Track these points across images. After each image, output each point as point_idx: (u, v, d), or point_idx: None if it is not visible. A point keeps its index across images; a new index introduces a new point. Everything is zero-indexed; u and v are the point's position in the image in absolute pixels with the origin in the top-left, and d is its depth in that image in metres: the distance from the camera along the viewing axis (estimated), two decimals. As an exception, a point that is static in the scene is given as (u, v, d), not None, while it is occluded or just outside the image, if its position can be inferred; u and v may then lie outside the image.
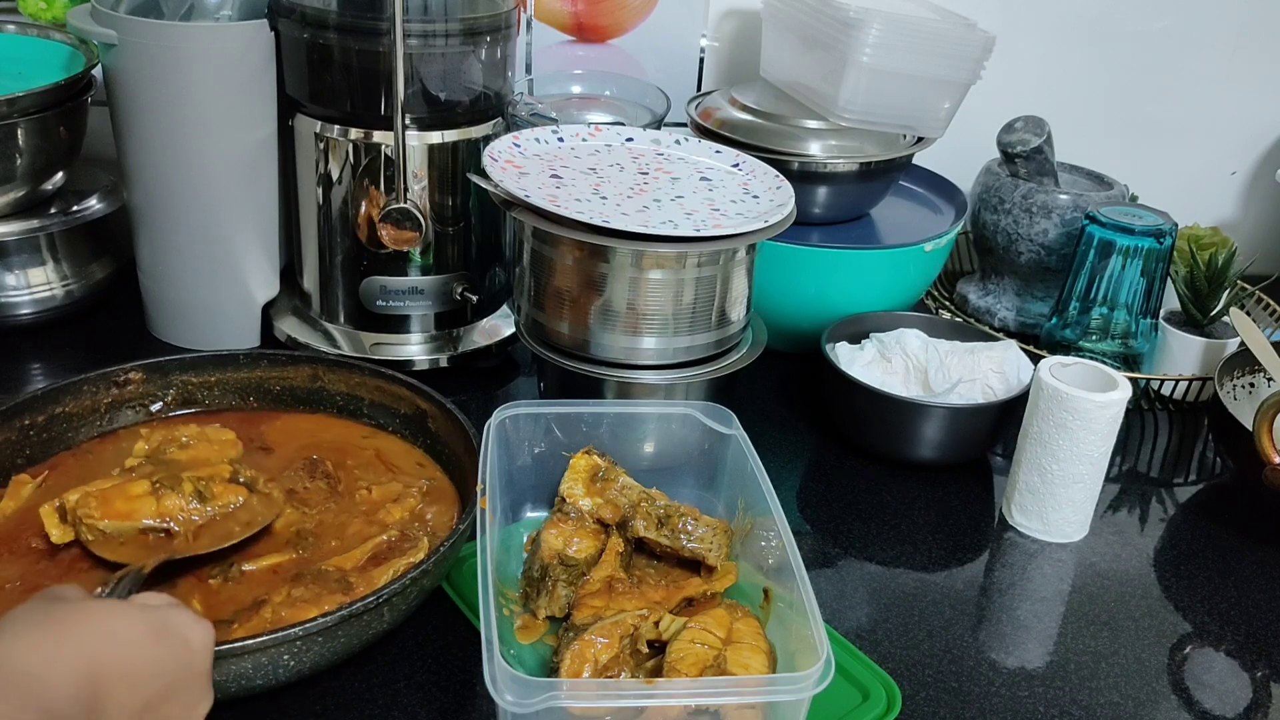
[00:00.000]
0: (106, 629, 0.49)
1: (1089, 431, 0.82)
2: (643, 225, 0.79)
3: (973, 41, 1.03)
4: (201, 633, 0.53)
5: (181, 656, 0.51)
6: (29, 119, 0.96)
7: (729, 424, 0.79)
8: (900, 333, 0.98)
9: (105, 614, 0.50)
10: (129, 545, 0.69)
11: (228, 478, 0.74)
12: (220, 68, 0.91)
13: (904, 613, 0.78)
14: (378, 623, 0.64)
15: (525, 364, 1.04)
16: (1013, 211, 1.12)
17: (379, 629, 0.64)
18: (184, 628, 0.52)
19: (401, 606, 0.65)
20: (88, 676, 0.47)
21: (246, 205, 0.98)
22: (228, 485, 0.73)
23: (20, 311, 1.01)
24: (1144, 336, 1.06)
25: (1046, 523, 0.86)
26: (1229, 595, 0.82)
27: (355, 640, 0.63)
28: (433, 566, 0.65)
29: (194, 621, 0.53)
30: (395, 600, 0.63)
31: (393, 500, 0.76)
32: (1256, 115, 1.39)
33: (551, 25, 1.22)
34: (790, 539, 0.67)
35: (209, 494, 0.72)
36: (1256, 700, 0.73)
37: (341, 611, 0.60)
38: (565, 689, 0.58)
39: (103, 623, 0.49)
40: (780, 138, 1.04)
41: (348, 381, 0.86)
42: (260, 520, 0.72)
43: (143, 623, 0.50)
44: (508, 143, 0.91)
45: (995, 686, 0.72)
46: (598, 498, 0.77)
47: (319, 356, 0.89)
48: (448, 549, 0.66)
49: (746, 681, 0.62)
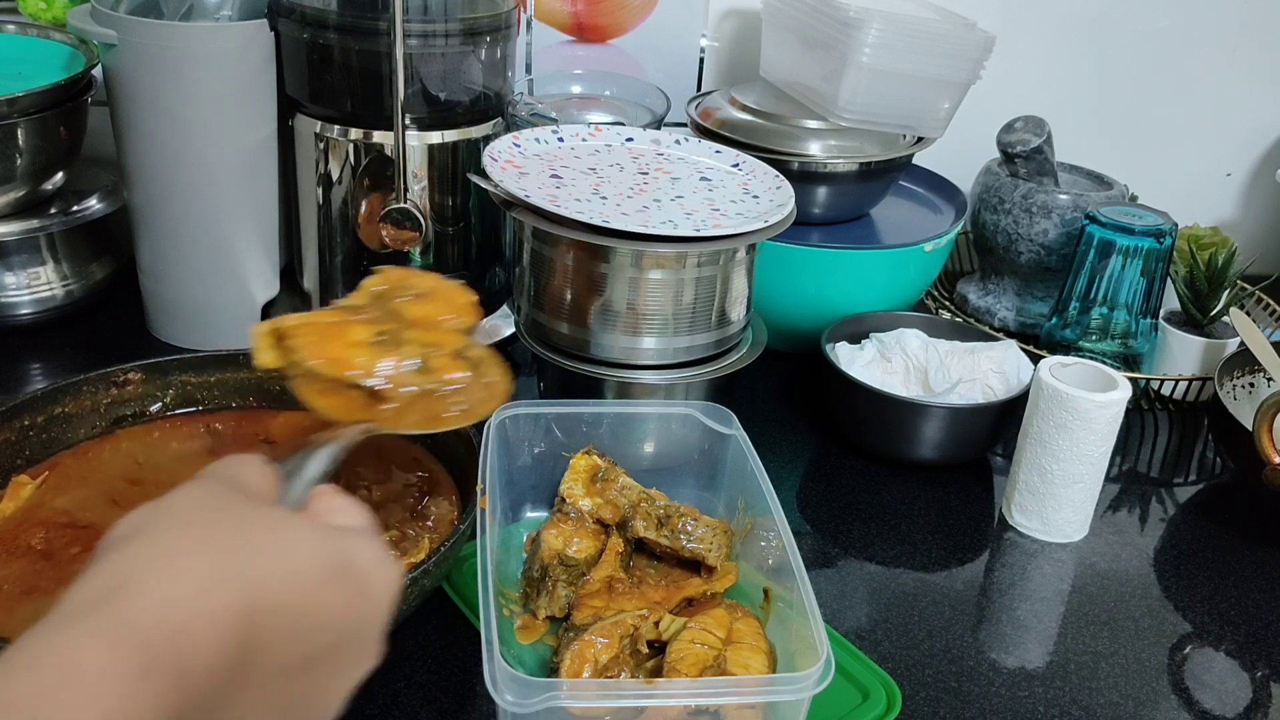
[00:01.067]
0: (281, 561, 0.37)
1: (1089, 431, 0.82)
2: (643, 225, 0.79)
3: (973, 41, 1.03)
4: (386, 577, 0.42)
5: (358, 608, 0.40)
6: (29, 119, 0.96)
7: (729, 424, 0.79)
8: (900, 333, 0.98)
9: (283, 538, 0.38)
10: (331, 396, 0.57)
11: (456, 350, 0.61)
12: (220, 68, 0.91)
13: (904, 613, 0.78)
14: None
15: (525, 364, 1.04)
16: (1013, 211, 1.12)
17: None
18: (369, 568, 0.41)
19: (401, 607, 0.65)
20: (244, 624, 0.35)
21: (246, 205, 0.98)
22: (453, 359, 0.60)
23: (20, 311, 1.01)
24: (1144, 336, 1.06)
25: (1046, 523, 0.86)
26: (1229, 595, 0.82)
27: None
28: (433, 567, 0.65)
29: (380, 560, 0.41)
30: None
31: (393, 500, 0.76)
32: (1256, 115, 1.39)
33: (551, 25, 1.22)
34: (790, 539, 0.67)
35: (432, 365, 0.59)
36: (1256, 700, 0.73)
37: None
38: (565, 689, 0.58)
39: (278, 552, 0.38)
40: (780, 138, 1.04)
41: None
42: (477, 412, 0.61)
43: (324, 557, 0.39)
44: (508, 143, 0.91)
45: (995, 686, 0.72)
46: (598, 498, 0.77)
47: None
48: (448, 549, 0.66)
49: (746, 681, 0.62)
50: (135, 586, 0.34)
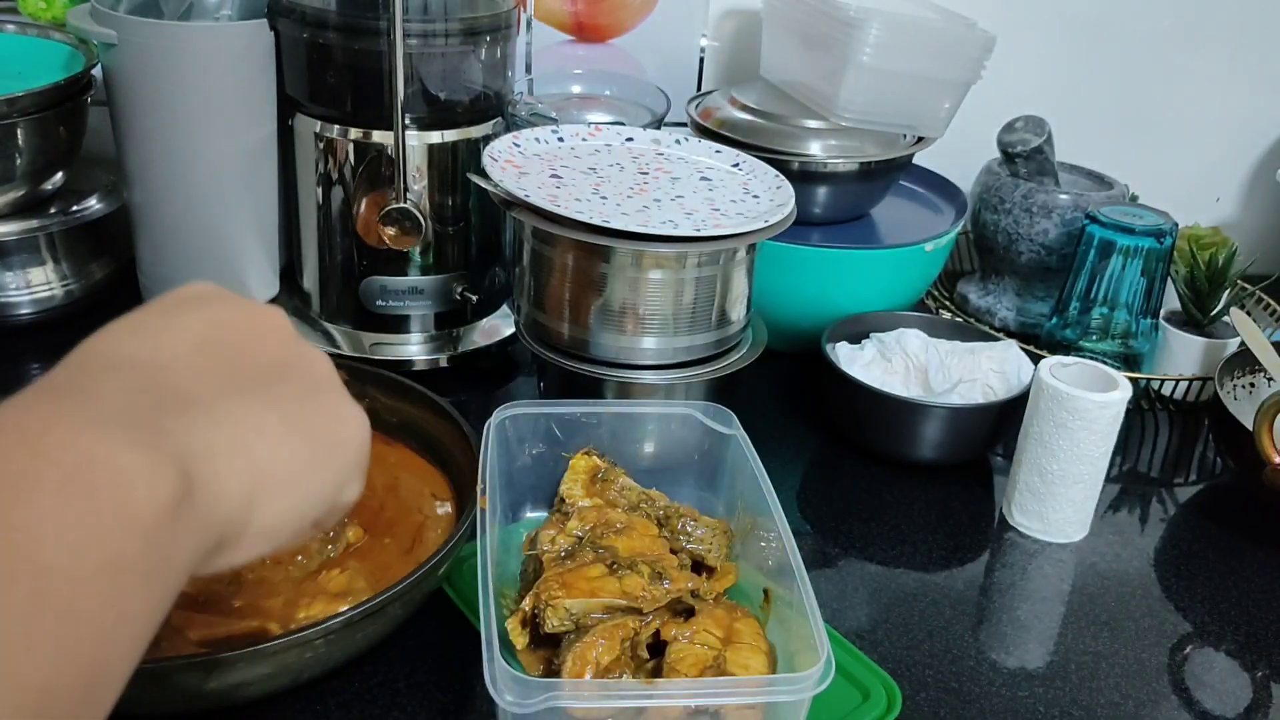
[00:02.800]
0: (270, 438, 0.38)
1: (1089, 431, 0.82)
2: (643, 225, 0.79)
3: (973, 41, 1.02)
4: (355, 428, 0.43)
5: (335, 463, 0.41)
6: (29, 119, 0.96)
7: (729, 424, 0.79)
8: (900, 333, 0.98)
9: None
10: None
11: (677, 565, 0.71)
12: (220, 68, 0.91)
13: (904, 613, 0.78)
14: (375, 628, 0.64)
15: (525, 364, 1.04)
16: (1013, 211, 1.12)
17: (377, 634, 0.65)
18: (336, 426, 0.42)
19: (399, 612, 0.65)
20: (251, 485, 0.37)
21: (246, 205, 0.98)
22: (681, 571, 0.70)
23: (20, 311, 1.01)
24: (1144, 336, 1.06)
25: (1046, 523, 0.86)
26: (1229, 595, 0.82)
27: (352, 647, 0.63)
28: (432, 567, 0.65)
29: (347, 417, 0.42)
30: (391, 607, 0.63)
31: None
32: (1256, 115, 1.39)
33: (551, 25, 1.22)
34: (790, 539, 0.67)
35: (669, 576, 0.69)
36: (1257, 700, 0.73)
37: (336, 619, 0.60)
38: (565, 689, 0.58)
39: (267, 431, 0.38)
40: (780, 138, 1.04)
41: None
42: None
43: (302, 433, 0.40)
44: (508, 142, 0.91)
45: (995, 686, 0.72)
46: (597, 498, 0.77)
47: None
48: (447, 550, 0.66)
49: (746, 682, 0.62)
50: (208, 472, 0.35)
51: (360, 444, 0.42)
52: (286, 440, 0.38)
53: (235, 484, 0.36)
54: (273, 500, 0.37)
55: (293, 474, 0.38)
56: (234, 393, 0.38)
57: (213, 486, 0.35)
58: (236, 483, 0.36)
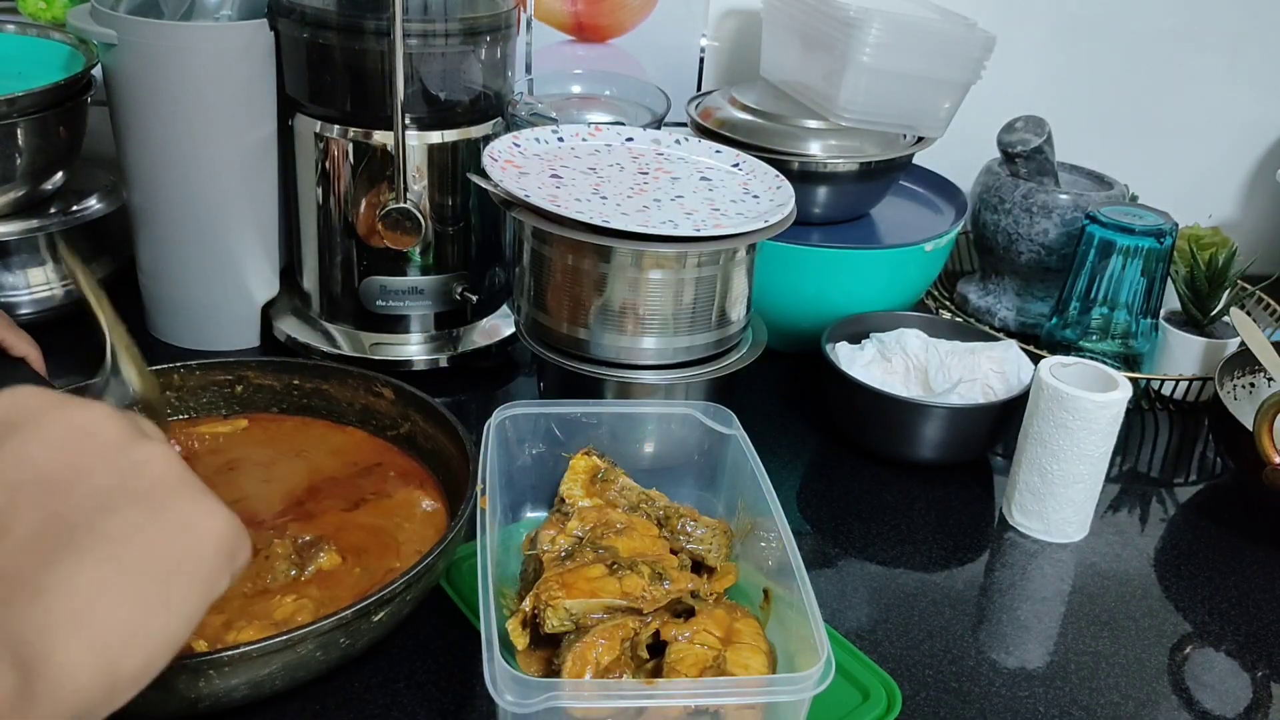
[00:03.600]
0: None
1: (1089, 431, 0.82)
2: (643, 225, 0.79)
3: (973, 41, 1.02)
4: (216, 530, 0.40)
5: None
6: (29, 119, 0.96)
7: (729, 424, 0.79)
8: (900, 333, 0.98)
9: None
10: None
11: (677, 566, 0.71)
12: (220, 68, 0.91)
13: (904, 613, 0.78)
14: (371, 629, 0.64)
15: (525, 364, 1.04)
16: (1013, 211, 1.12)
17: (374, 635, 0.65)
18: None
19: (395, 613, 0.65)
20: (103, 650, 0.35)
21: (246, 205, 0.98)
22: (682, 571, 0.71)
23: (20, 311, 1.01)
24: (1144, 336, 1.06)
25: (1047, 523, 0.86)
26: (1229, 595, 0.82)
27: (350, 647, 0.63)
28: (428, 566, 0.65)
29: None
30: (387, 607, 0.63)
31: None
32: (1256, 115, 1.39)
33: (551, 25, 1.22)
34: (790, 539, 0.67)
35: (669, 577, 0.69)
36: (1257, 700, 0.73)
37: (331, 619, 0.60)
38: (565, 689, 0.58)
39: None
40: (780, 138, 1.04)
41: (341, 388, 0.84)
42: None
43: (149, 569, 0.37)
44: (508, 143, 0.91)
45: (995, 686, 0.72)
46: (597, 499, 0.77)
47: (302, 364, 0.86)
48: (443, 547, 0.66)
49: (746, 682, 0.62)
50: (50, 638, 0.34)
51: (217, 541, 0.39)
52: (132, 587, 0.36)
53: (79, 659, 0.33)
54: (133, 653, 0.35)
55: (149, 617, 0.36)
56: (61, 554, 0.35)
57: (55, 668, 0.33)
58: (83, 654, 0.34)
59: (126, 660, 0.35)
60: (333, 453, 0.82)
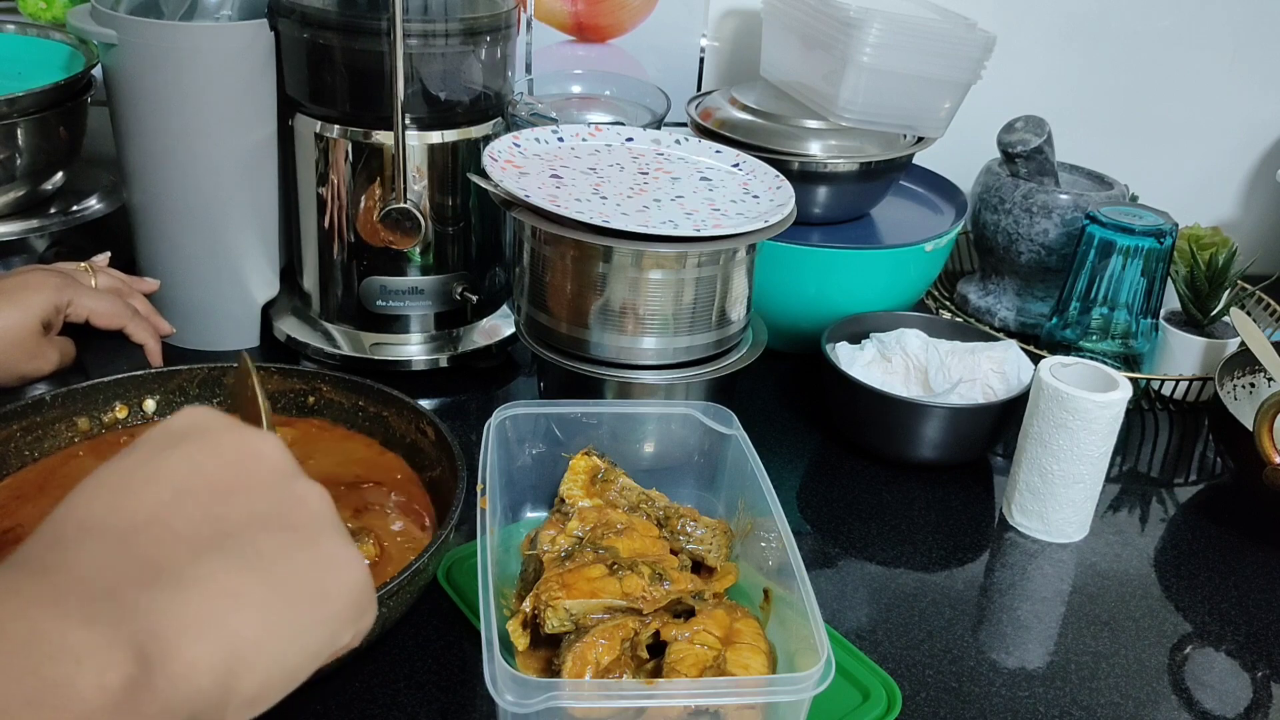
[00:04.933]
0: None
1: (1089, 431, 0.82)
2: (643, 225, 0.79)
3: (973, 41, 1.02)
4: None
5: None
6: (29, 119, 0.96)
7: (729, 424, 0.79)
8: (900, 333, 0.98)
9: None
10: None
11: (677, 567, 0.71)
12: (220, 68, 0.91)
13: (904, 613, 0.78)
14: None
15: (525, 364, 1.04)
16: (1013, 211, 1.12)
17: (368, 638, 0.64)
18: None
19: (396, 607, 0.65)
20: (227, 659, 0.35)
21: (246, 205, 0.98)
22: (682, 572, 0.71)
23: (20, 311, 1.01)
24: (1144, 336, 1.06)
25: (1047, 523, 0.86)
26: (1229, 595, 0.82)
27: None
28: (425, 565, 0.65)
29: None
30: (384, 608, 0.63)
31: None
32: (1256, 115, 1.39)
33: (551, 25, 1.22)
34: (790, 539, 0.67)
35: (669, 577, 0.69)
36: (1257, 700, 0.73)
37: None
38: (565, 689, 0.58)
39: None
40: (780, 138, 1.04)
41: (398, 419, 0.82)
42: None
43: (287, 593, 0.37)
44: (508, 143, 0.91)
45: (995, 686, 0.72)
46: (597, 499, 0.77)
47: (370, 387, 0.83)
48: (438, 545, 0.66)
49: (746, 682, 0.62)
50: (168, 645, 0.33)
51: (355, 589, 0.39)
52: (269, 604, 0.36)
53: (206, 660, 0.33)
54: (254, 670, 0.35)
55: (277, 639, 0.36)
56: (211, 553, 0.35)
57: (177, 666, 0.32)
58: (208, 659, 0.33)
59: (247, 677, 0.35)
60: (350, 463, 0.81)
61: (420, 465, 0.80)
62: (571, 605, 0.65)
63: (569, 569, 0.68)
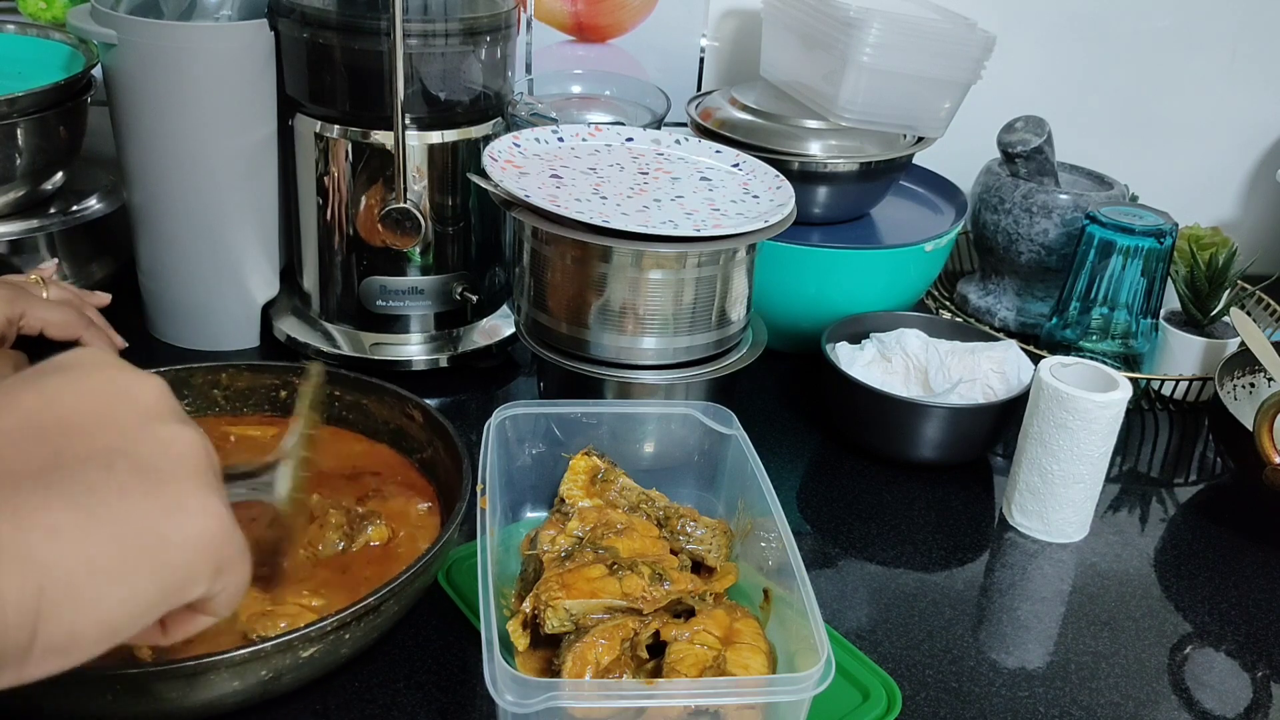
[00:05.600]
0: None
1: (1089, 431, 0.82)
2: (643, 225, 0.79)
3: (973, 41, 1.02)
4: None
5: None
6: (29, 119, 0.96)
7: (729, 424, 0.79)
8: (900, 333, 0.98)
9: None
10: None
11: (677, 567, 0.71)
12: (220, 68, 0.91)
13: (904, 613, 0.78)
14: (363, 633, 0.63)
15: (525, 364, 1.04)
16: (1013, 211, 1.12)
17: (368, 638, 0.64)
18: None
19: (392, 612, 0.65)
20: (32, 595, 0.33)
21: (246, 205, 0.98)
22: (682, 572, 0.70)
23: (20, 311, 1.01)
24: (1144, 336, 1.06)
25: (1047, 523, 0.86)
26: (1229, 595, 0.82)
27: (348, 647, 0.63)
28: (424, 565, 0.65)
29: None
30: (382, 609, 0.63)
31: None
32: (1256, 115, 1.39)
33: (551, 25, 1.22)
34: (790, 539, 0.67)
35: (669, 578, 0.68)
36: (1257, 700, 0.73)
37: (328, 620, 0.60)
38: (565, 689, 0.58)
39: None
40: (780, 138, 1.04)
41: (379, 406, 0.83)
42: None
43: (114, 532, 0.35)
44: (508, 143, 0.91)
45: (995, 686, 0.72)
46: (597, 499, 0.77)
47: (344, 376, 0.84)
48: (439, 546, 0.66)
49: (746, 682, 0.62)
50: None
51: (203, 540, 0.37)
52: (90, 542, 0.33)
53: (10, 594, 0.31)
54: (64, 611, 0.33)
55: (95, 581, 0.33)
56: (35, 485, 0.34)
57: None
58: (14, 592, 0.31)
59: (55, 619, 0.33)
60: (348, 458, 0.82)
61: (409, 449, 0.81)
62: (571, 605, 0.65)
63: (569, 569, 0.68)
